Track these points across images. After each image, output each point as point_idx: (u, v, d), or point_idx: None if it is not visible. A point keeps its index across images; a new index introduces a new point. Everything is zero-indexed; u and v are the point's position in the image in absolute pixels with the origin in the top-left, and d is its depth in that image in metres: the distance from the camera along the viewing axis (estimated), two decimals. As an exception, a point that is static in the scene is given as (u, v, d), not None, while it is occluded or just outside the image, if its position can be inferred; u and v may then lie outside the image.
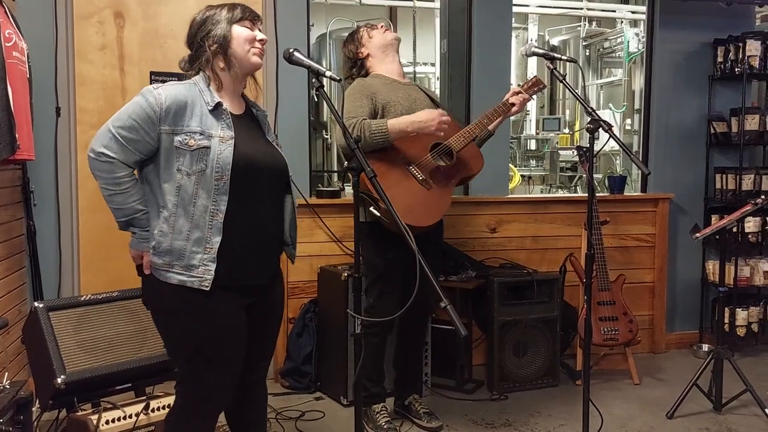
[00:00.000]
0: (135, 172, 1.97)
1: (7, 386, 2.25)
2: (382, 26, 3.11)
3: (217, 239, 1.90)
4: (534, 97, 3.28)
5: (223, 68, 2.02)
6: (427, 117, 2.86)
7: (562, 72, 2.60)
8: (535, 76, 3.16)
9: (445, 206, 2.98)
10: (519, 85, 3.15)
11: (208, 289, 1.90)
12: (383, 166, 2.81)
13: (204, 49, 2.00)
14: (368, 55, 3.09)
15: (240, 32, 2.01)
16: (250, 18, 2.04)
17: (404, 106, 2.98)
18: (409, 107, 2.99)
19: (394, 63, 3.11)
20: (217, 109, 1.96)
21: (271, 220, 2.05)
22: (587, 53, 6.61)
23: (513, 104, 3.01)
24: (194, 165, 1.90)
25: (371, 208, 2.59)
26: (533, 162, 6.58)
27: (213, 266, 1.90)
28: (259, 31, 2.06)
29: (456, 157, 2.97)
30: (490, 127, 3.07)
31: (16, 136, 2.79)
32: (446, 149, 2.97)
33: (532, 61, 6.51)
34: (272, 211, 2.06)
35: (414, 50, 5.51)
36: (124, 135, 1.89)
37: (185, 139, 1.90)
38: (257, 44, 2.03)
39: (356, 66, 3.12)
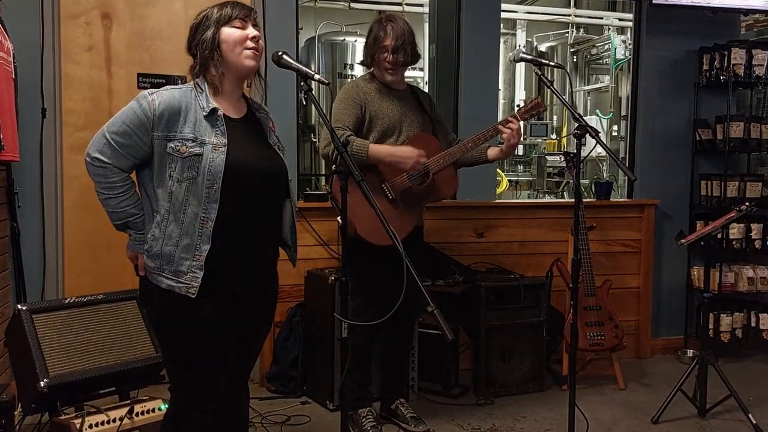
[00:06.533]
0: (132, 175, 1.96)
1: (-11, 390, 2.23)
2: (387, 62, 2.94)
3: (206, 247, 1.88)
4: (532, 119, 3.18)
5: (216, 74, 1.96)
6: (406, 155, 2.85)
7: (549, 78, 2.62)
8: (538, 98, 3.03)
9: (408, 228, 2.95)
10: (518, 107, 3.06)
11: (194, 296, 1.88)
12: None
13: (198, 55, 1.96)
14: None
15: (229, 34, 1.94)
16: (241, 16, 1.96)
17: (392, 119, 2.98)
18: (398, 120, 2.99)
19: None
20: (212, 115, 1.92)
21: (264, 225, 2.02)
22: (575, 59, 6.65)
23: (503, 132, 2.94)
24: (185, 172, 1.87)
25: (338, 218, 2.57)
26: (520, 167, 6.60)
27: (200, 273, 1.88)
28: (253, 27, 1.98)
29: (431, 179, 2.97)
30: (490, 156, 3.05)
31: (1, 137, 2.77)
32: (423, 169, 2.97)
33: (521, 67, 6.54)
34: (266, 215, 2.02)
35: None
36: (118, 140, 1.88)
37: (177, 145, 1.87)
38: (249, 44, 1.95)
39: (368, 58, 3.03)
